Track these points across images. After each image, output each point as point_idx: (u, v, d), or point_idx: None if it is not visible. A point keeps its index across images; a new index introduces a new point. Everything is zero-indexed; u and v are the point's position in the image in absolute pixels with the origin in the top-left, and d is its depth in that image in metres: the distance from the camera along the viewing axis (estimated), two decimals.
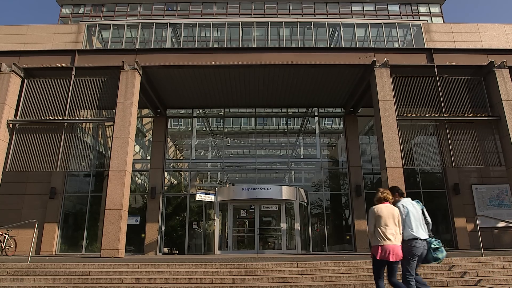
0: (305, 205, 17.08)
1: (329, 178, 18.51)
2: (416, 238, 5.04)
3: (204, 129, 19.65)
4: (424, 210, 5.41)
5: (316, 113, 19.04)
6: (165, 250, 17.54)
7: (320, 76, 15.35)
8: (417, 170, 17.88)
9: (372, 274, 5.26)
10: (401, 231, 5.08)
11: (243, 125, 19.82)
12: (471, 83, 14.53)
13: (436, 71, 14.29)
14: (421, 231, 5.13)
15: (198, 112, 19.11)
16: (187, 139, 19.06)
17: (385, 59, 14.04)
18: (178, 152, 20.16)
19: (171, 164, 19.18)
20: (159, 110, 17.98)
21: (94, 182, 18.00)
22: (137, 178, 19.28)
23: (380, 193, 5.27)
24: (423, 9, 47.99)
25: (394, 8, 45.49)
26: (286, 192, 15.72)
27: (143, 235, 16.69)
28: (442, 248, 5.24)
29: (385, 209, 5.10)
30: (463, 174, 17.50)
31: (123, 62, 13.77)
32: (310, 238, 17.04)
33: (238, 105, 18.44)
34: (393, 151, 13.02)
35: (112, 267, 7.28)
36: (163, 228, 16.94)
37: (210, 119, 19.62)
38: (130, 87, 13.55)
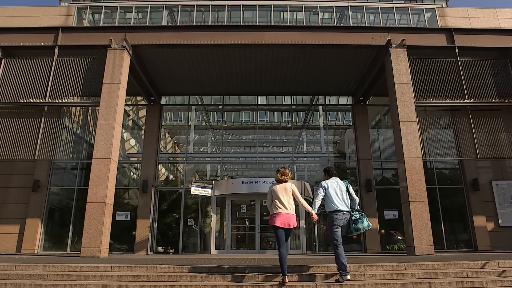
0: (311, 200, 15.63)
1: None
2: (336, 210, 5.78)
3: (201, 119, 18.24)
4: (349, 187, 6.10)
5: (322, 103, 17.61)
6: (160, 249, 16.17)
7: (328, 59, 13.95)
8: (431, 165, 16.48)
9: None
10: (299, 197, 5.87)
11: (244, 120, 18.41)
12: (496, 66, 13.14)
13: (457, 53, 12.89)
14: (341, 205, 5.85)
15: (195, 100, 17.71)
16: (182, 130, 17.64)
17: (401, 38, 12.63)
18: (173, 143, 18.76)
19: (169, 158, 17.79)
20: (153, 98, 16.61)
21: (83, 175, 16.59)
22: (132, 173, 17.88)
23: (278, 175, 5.98)
24: None
25: None
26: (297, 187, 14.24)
27: (134, 232, 15.32)
28: (363, 219, 5.86)
29: (278, 187, 5.92)
30: (482, 169, 16.09)
31: (111, 39, 12.40)
32: (316, 237, 15.63)
33: (238, 92, 17.03)
34: (411, 139, 11.61)
35: (78, 269, 5.90)
36: (156, 225, 15.53)
37: (209, 111, 18.19)
38: (118, 67, 12.17)
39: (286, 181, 5.94)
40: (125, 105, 17.32)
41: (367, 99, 16.70)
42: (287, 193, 5.84)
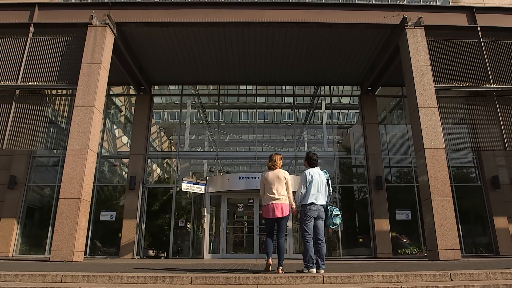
0: None
1: (340, 169, 15.67)
2: (312, 203, 5.54)
3: (198, 118, 16.81)
4: (329, 181, 5.85)
5: (326, 93, 16.20)
6: (151, 253, 14.76)
7: (335, 41, 12.55)
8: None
9: None
10: (289, 189, 5.72)
11: (242, 120, 17.01)
12: None
13: (480, 34, 11.50)
14: (319, 198, 5.61)
15: (188, 92, 16.30)
16: (178, 128, 16.17)
17: (419, 16, 11.25)
18: (168, 142, 17.34)
19: (161, 153, 16.35)
20: (143, 87, 15.19)
21: None
22: (124, 173, 16.42)
23: (269, 162, 5.86)
24: None
25: None
26: (293, 182, 12.76)
27: (120, 234, 13.85)
28: (340, 215, 5.77)
29: (270, 174, 5.77)
30: (502, 165, 14.72)
31: (92, 16, 10.98)
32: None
33: (235, 81, 15.59)
34: (432, 127, 10.18)
35: (18, 278, 4.46)
36: (144, 226, 14.04)
37: (206, 109, 16.79)
38: (99, 45, 10.74)
39: (276, 168, 5.79)
40: (112, 95, 16.15)
41: (376, 89, 15.31)
42: (280, 181, 5.68)
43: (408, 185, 14.95)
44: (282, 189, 5.66)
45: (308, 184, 5.62)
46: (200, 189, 12.84)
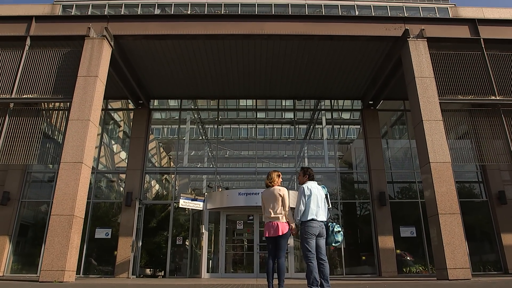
0: None
1: (342, 185, 15.31)
2: (313, 220, 5.24)
3: (197, 134, 16.55)
4: (328, 196, 5.59)
5: (328, 107, 15.98)
6: (148, 271, 14.26)
7: (336, 53, 12.38)
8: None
9: None
10: (285, 210, 5.45)
11: (242, 136, 16.77)
12: None
13: (483, 46, 11.33)
14: (319, 214, 5.32)
15: (187, 106, 16.07)
16: (177, 144, 15.88)
17: (421, 28, 11.10)
18: (168, 158, 17.02)
19: (159, 169, 16.01)
20: (141, 102, 14.96)
21: None
22: (121, 188, 16.04)
23: (266, 180, 5.70)
24: None
25: None
26: (294, 199, 12.39)
27: (115, 252, 13.39)
28: (342, 232, 5.49)
29: (266, 192, 5.63)
30: (508, 180, 14.38)
31: (89, 28, 10.83)
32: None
33: (235, 95, 15.35)
34: (437, 141, 9.88)
35: None
36: (140, 243, 13.58)
37: (205, 124, 16.54)
38: (96, 58, 10.54)
39: (273, 186, 5.60)
40: (110, 110, 15.92)
41: (378, 103, 15.08)
42: (275, 199, 5.48)
43: (412, 200, 14.56)
44: (279, 207, 5.44)
45: (307, 198, 5.32)
46: (198, 205, 12.45)
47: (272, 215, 5.41)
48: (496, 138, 10.95)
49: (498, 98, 10.77)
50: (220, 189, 14.01)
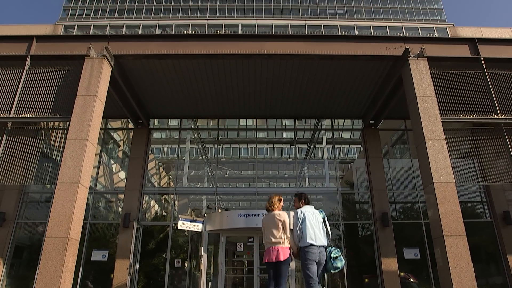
0: None
1: (344, 205, 15.08)
2: (311, 245, 5.11)
3: (197, 153, 16.43)
4: (326, 219, 5.47)
5: (328, 127, 15.89)
6: None
7: (337, 73, 12.35)
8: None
9: None
10: (287, 235, 5.30)
11: (242, 156, 16.67)
12: None
13: (484, 65, 11.31)
14: (317, 238, 5.20)
15: (187, 125, 15.98)
16: (177, 164, 15.74)
17: (421, 47, 11.11)
18: (167, 178, 16.84)
19: (157, 189, 15.79)
20: (140, 121, 14.88)
21: None
22: (119, 208, 15.82)
23: (266, 203, 5.62)
24: None
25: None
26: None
27: (112, 275, 13.04)
28: (341, 257, 5.35)
29: (266, 217, 5.55)
30: None
31: (89, 47, 10.83)
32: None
33: (235, 115, 15.29)
34: (440, 160, 9.73)
35: None
36: (138, 266, 13.25)
37: (205, 144, 16.45)
38: (95, 77, 10.50)
39: (273, 210, 5.50)
40: (110, 129, 15.84)
41: (379, 122, 14.98)
42: (275, 224, 5.37)
43: (415, 221, 14.29)
44: (278, 232, 5.33)
45: (301, 222, 5.31)
46: (197, 227, 12.19)
47: (273, 240, 5.29)
48: (499, 157, 10.80)
49: (501, 117, 10.67)
50: (219, 210, 13.77)
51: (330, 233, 5.50)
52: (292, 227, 5.56)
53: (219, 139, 15.83)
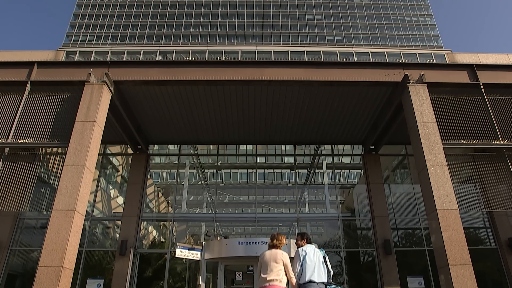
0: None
1: (345, 232, 14.80)
2: (311, 281, 5.27)
3: (197, 178, 16.29)
4: (326, 257, 5.63)
5: (328, 152, 15.80)
6: None
7: (337, 99, 12.37)
8: None
9: None
10: (290, 273, 5.33)
11: (242, 181, 16.54)
12: None
13: (483, 91, 11.33)
14: (318, 275, 5.34)
15: (187, 151, 15.89)
16: (175, 189, 15.56)
17: (420, 73, 11.16)
18: (166, 203, 16.62)
19: (156, 216, 15.53)
20: (139, 147, 14.80)
21: None
22: (116, 235, 15.51)
23: (270, 240, 5.61)
24: None
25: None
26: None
27: None
28: None
29: (267, 253, 5.49)
30: None
31: (90, 73, 10.86)
32: None
33: (235, 141, 15.23)
34: (443, 187, 9.58)
35: None
36: None
37: (204, 169, 16.34)
38: (95, 103, 10.48)
39: (278, 248, 5.53)
40: (109, 154, 15.74)
41: (379, 148, 14.90)
42: (277, 263, 5.32)
43: (419, 249, 13.98)
44: (278, 271, 5.30)
45: (302, 259, 5.44)
46: (195, 255, 11.90)
47: (271, 277, 5.23)
48: (501, 183, 10.65)
49: (502, 142, 10.59)
50: (218, 238, 13.49)
51: (331, 270, 5.60)
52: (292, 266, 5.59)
53: (219, 164, 15.71)
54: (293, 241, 12.10)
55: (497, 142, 10.59)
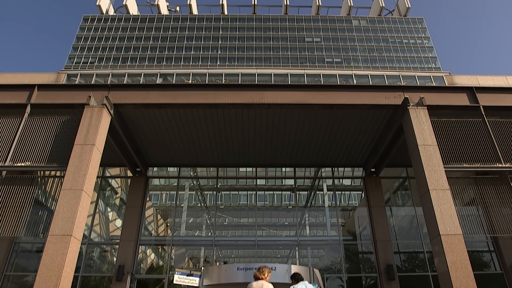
0: None
1: (346, 256, 14.52)
2: None
3: (196, 200, 16.13)
4: None
5: (329, 175, 15.68)
6: None
7: (337, 122, 12.34)
8: None
9: None
10: None
11: (242, 203, 16.39)
12: None
13: (483, 113, 11.31)
14: None
15: (186, 173, 15.77)
16: (174, 211, 15.38)
17: (420, 96, 11.16)
18: (165, 225, 16.39)
19: (154, 240, 15.27)
20: (138, 169, 14.69)
21: None
22: (114, 259, 15.22)
23: (255, 271, 6.01)
24: None
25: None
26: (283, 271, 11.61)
27: None
28: None
29: (254, 284, 5.81)
30: None
31: (90, 96, 10.86)
32: None
33: (235, 163, 15.15)
34: (446, 211, 9.42)
35: None
36: None
37: (204, 191, 16.21)
38: (94, 126, 10.43)
39: (262, 279, 5.80)
40: (108, 177, 15.61)
41: (380, 170, 14.79)
42: None
43: (423, 274, 13.68)
44: None
45: None
46: (194, 281, 11.61)
47: None
48: (505, 206, 10.49)
49: (505, 165, 10.48)
50: (218, 263, 13.20)
51: None
52: None
53: (218, 186, 15.57)
54: (293, 266, 11.85)
55: (499, 165, 10.49)
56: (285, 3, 53.69)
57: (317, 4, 52.87)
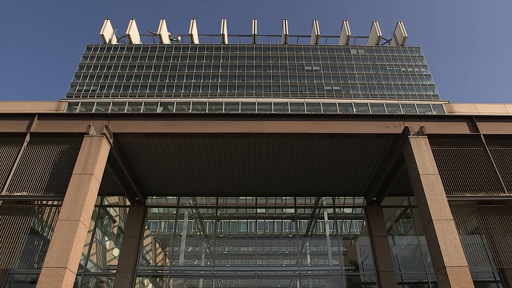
0: None
1: (348, 287, 14.14)
2: None
3: (195, 229, 15.89)
4: None
5: (330, 204, 15.49)
6: None
7: (337, 151, 12.28)
8: None
9: None
10: None
11: (241, 231, 16.16)
12: None
13: (484, 142, 11.28)
14: None
15: (185, 202, 15.59)
16: (173, 240, 15.09)
17: (420, 125, 11.16)
18: (163, 254, 16.05)
19: (152, 270, 14.90)
20: (137, 198, 14.52)
21: None
22: None
23: None
24: None
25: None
26: None
27: None
28: None
29: None
30: None
31: (89, 126, 10.86)
32: None
33: (235, 193, 14.98)
34: (450, 242, 9.21)
35: None
36: None
37: (203, 219, 16.01)
38: (93, 155, 10.36)
39: None
40: (106, 206, 15.40)
41: (382, 199, 14.61)
42: None
43: None
44: None
45: None
46: None
47: None
48: (510, 235, 10.29)
49: (508, 194, 10.34)
50: None
51: None
52: None
53: (218, 214, 15.36)
54: None
55: (502, 194, 10.35)
56: (285, 33, 55.04)
57: (316, 33, 54.18)
